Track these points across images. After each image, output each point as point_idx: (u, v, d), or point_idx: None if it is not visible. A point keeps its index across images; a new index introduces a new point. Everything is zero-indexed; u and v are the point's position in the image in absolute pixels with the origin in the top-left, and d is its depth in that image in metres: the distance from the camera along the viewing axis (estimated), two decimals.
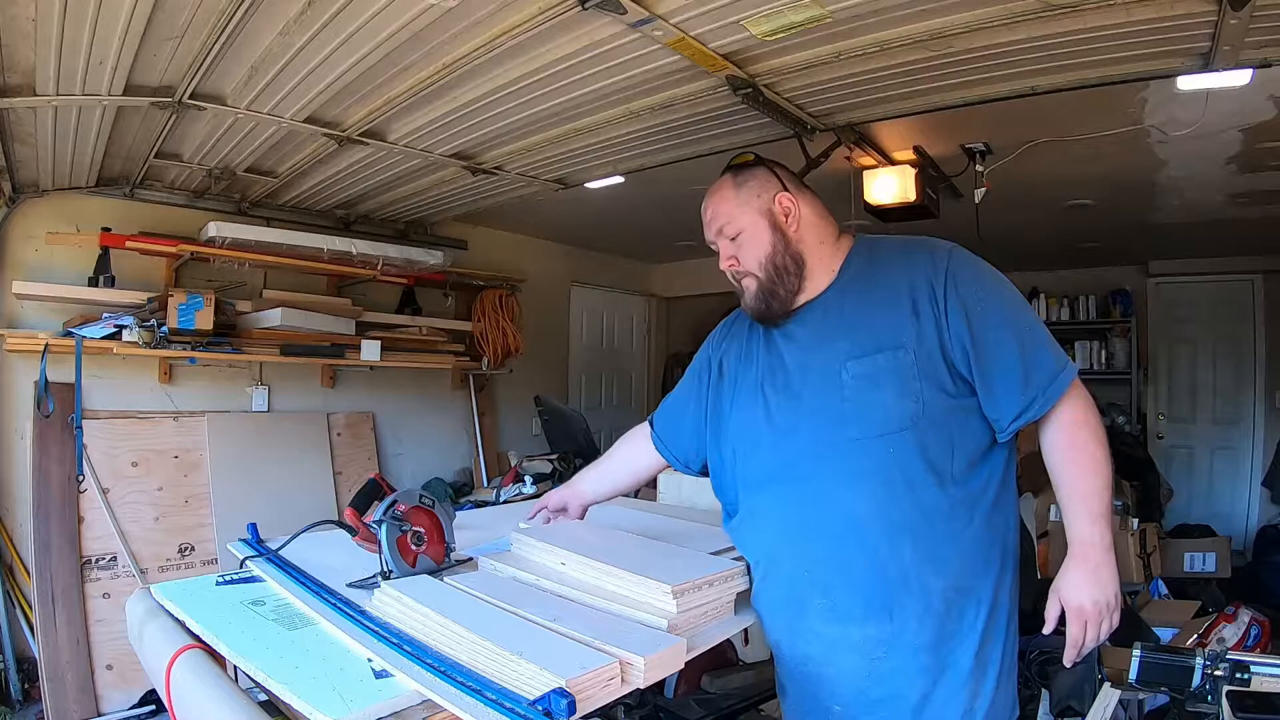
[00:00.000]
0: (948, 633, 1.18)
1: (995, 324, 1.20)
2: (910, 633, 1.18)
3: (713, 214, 1.35)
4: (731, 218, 1.33)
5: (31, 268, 3.00)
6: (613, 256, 5.83)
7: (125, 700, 2.88)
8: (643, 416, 1.64)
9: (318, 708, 0.87)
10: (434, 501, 1.40)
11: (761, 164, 1.37)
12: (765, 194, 1.32)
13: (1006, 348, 1.19)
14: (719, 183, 1.37)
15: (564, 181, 3.15)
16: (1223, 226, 4.13)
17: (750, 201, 1.32)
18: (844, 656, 1.21)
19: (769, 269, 1.30)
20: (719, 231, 1.34)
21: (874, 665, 1.19)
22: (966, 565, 1.19)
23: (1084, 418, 1.21)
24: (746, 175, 1.35)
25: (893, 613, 1.18)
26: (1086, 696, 2.03)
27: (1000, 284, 1.25)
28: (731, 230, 1.32)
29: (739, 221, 1.32)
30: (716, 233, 1.35)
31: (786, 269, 1.30)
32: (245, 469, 3.43)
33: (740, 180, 1.34)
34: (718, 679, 2.31)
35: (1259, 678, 1.36)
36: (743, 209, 1.32)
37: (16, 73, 1.95)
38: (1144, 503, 4.07)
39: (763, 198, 1.32)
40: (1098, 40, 1.76)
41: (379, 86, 2.13)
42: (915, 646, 1.18)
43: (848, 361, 1.22)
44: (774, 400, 1.30)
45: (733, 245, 1.33)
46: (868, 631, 1.19)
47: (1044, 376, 1.18)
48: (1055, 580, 1.20)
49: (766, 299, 1.32)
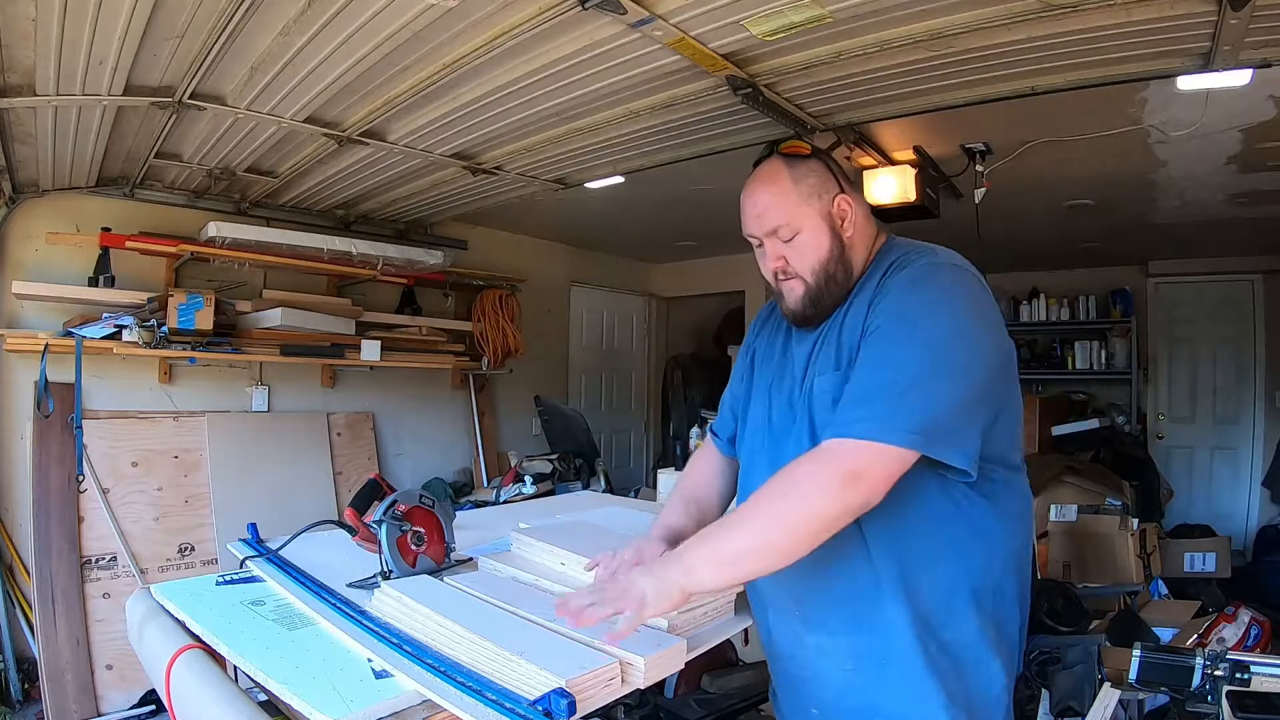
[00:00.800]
0: (924, 653, 1.09)
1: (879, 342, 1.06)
2: (880, 649, 1.12)
3: (765, 209, 1.18)
4: (791, 218, 1.17)
5: (31, 268, 3.00)
6: (613, 256, 5.83)
7: (125, 700, 2.88)
8: (642, 417, 1.62)
9: (318, 708, 0.87)
10: (434, 501, 1.40)
11: (817, 156, 1.22)
12: (826, 194, 1.18)
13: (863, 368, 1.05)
14: (771, 173, 1.19)
15: (564, 181, 3.15)
16: (1223, 226, 4.13)
17: (811, 201, 1.17)
18: (819, 663, 1.19)
19: (820, 276, 1.17)
20: (772, 231, 1.18)
21: (846, 676, 1.15)
22: (941, 589, 1.10)
23: (815, 475, 0.99)
24: (805, 170, 1.19)
25: (860, 627, 1.13)
26: (1086, 696, 2.03)
27: (925, 315, 1.05)
28: (788, 232, 1.17)
29: (799, 223, 1.17)
30: (769, 232, 1.19)
31: (836, 277, 1.18)
32: (245, 469, 3.43)
33: (798, 175, 1.18)
34: (718, 679, 2.31)
35: (1259, 678, 1.36)
36: (804, 209, 1.17)
37: (16, 73, 1.95)
38: (1144, 503, 4.07)
39: (824, 198, 1.18)
40: (1098, 40, 1.76)
41: (379, 86, 2.13)
42: (885, 661, 1.11)
43: (818, 377, 1.16)
44: (776, 405, 1.24)
45: (785, 246, 1.18)
46: (838, 642, 1.16)
47: (853, 406, 1.02)
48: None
49: (813, 304, 1.19)
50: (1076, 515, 3.19)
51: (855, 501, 0.97)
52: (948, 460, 1.00)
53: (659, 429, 6.39)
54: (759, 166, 1.23)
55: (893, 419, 0.97)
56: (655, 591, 0.99)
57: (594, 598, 0.99)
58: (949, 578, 1.10)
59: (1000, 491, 1.11)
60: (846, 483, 0.97)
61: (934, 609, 1.10)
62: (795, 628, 1.22)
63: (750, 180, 1.22)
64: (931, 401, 0.99)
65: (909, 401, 0.99)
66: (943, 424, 0.99)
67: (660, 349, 6.50)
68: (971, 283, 1.11)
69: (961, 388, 1.02)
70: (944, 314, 1.05)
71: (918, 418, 0.98)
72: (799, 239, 1.17)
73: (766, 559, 1.01)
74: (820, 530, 0.98)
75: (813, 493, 0.98)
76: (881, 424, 0.97)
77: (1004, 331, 1.12)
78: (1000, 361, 1.09)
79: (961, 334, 1.04)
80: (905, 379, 1.00)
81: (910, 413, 0.98)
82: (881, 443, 0.97)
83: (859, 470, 0.97)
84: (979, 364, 1.05)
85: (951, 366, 1.02)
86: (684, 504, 1.39)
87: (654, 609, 0.99)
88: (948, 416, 1.00)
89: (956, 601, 1.10)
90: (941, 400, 1.00)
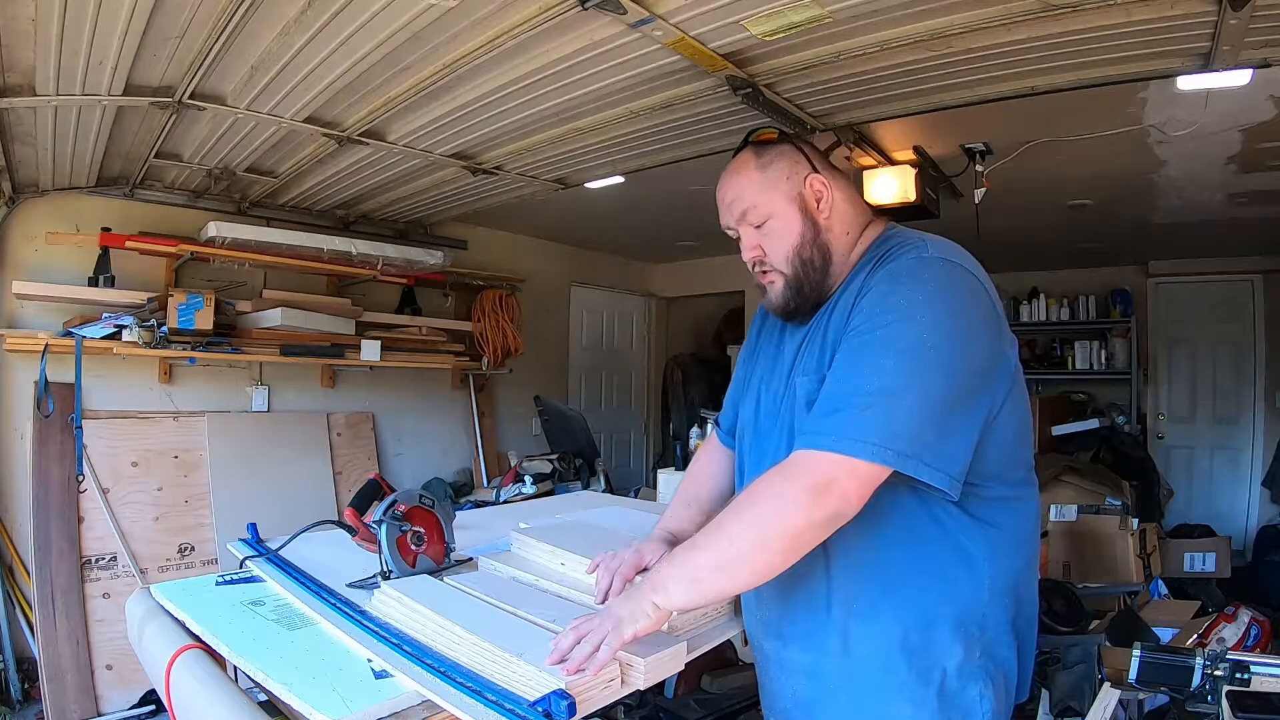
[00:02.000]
0: (888, 680, 1.03)
1: (854, 345, 1.00)
2: (830, 670, 1.07)
3: (734, 196, 1.16)
4: (757, 202, 1.14)
5: (31, 268, 3.00)
6: (613, 256, 5.83)
7: (125, 700, 2.88)
8: (642, 417, 1.62)
9: (317, 708, 0.87)
10: (434, 501, 1.40)
11: (787, 140, 1.18)
12: (795, 175, 1.14)
13: (836, 373, 0.99)
14: (739, 161, 1.18)
15: (564, 181, 3.15)
16: (1223, 226, 4.13)
17: (778, 184, 1.14)
18: (777, 669, 1.17)
19: (795, 262, 1.13)
20: (741, 217, 1.15)
21: (796, 688, 1.12)
22: (913, 612, 1.02)
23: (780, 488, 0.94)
24: (773, 154, 1.16)
25: (811, 643, 1.09)
26: (1086, 696, 2.03)
27: (902, 318, 0.96)
28: (756, 216, 1.14)
29: (766, 206, 1.13)
30: (738, 218, 1.16)
31: (813, 262, 1.13)
32: (245, 469, 3.43)
33: (766, 160, 1.15)
34: (718, 679, 2.31)
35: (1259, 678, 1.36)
36: (770, 192, 1.13)
37: (16, 73, 1.95)
38: (1144, 503, 4.07)
39: (792, 180, 1.14)
40: (1098, 40, 1.76)
41: (379, 86, 2.13)
42: (834, 690, 1.07)
43: (800, 377, 1.11)
44: (765, 402, 1.20)
45: (757, 234, 1.15)
46: (792, 653, 1.13)
47: (823, 415, 0.96)
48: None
49: (795, 295, 1.14)
50: (1076, 515, 3.19)
51: (821, 516, 0.92)
52: (921, 478, 0.92)
53: (659, 429, 6.40)
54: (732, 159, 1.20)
55: (860, 431, 0.91)
56: (629, 613, 0.97)
57: (574, 636, 0.96)
58: (925, 601, 1.02)
59: (996, 511, 1.03)
60: (813, 496, 0.92)
61: (906, 633, 1.02)
62: (755, 628, 1.21)
63: (723, 171, 1.20)
64: (903, 413, 0.92)
65: (878, 413, 0.92)
66: (916, 438, 0.92)
67: (660, 349, 6.50)
68: (962, 279, 1.01)
69: (939, 397, 0.94)
70: (924, 316, 0.96)
71: (886, 430, 0.91)
72: (770, 225, 1.14)
73: (736, 575, 0.97)
74: (788, 546, 0.94)
75: (779, 506, 0.93)
76: (848, 437, 0.91)
77: (1001, 332, 1.02)
78: (992, 365, 1.00)
79: (946, 337, 0.95)
80: (875, 387, 0.93)
81: (878, 425, 0.91)
82: (848, 456, 0.91)
83: (824, 483, 0.92)
84: (961, 370, 0.96)
85: (928, 374, 0.94)
86: (685, 505, 1.37)
87: (630, 631, 0.96)
88: (922, 429, 0.92)
89: (935, 628, 1.02)
90: (913, 412, 0.92)
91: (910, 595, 1.03)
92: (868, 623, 1.04)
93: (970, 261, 1.05)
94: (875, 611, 1.04)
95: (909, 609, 1.03)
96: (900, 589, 1.03)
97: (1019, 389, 1.05)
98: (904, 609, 1.03)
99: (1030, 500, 1.10)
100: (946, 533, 1.02)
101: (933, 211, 3.12)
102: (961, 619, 1.02)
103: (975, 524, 1.02)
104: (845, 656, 1.06)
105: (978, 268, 1.05)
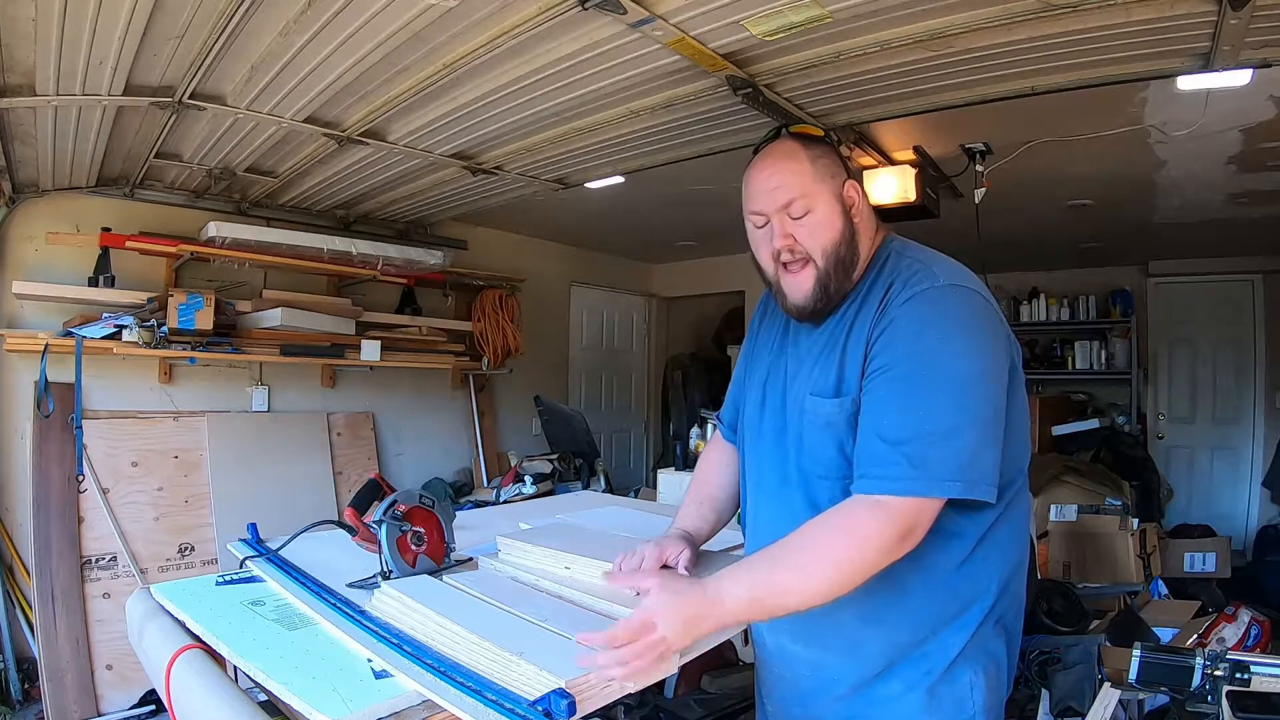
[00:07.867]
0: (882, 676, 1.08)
1: (898, 382, 1.02)
2: (831, 669, 1.12)
3: (780, 183, 1.12)
4: (807, 192, 1.11)
5: (31, 268, 3.00)
6: (613, 256, 5.83)
7: (125, 700, 2.88)
8: (642, 417, 1.62)
9: (317, 708, 0.87)
10: (434, 501, 1.40)
11: (828, 141, 1.19)
12: (838, 177, 1.15)
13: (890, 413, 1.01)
14: (788, 150, 1.15)
15: (564, 181, 3.15)
16: (1223, 226, 4.13)
17: (826, 179, 1.13)
18: (779, 662, 1.21)
19: (831, 258, 1.12)
20: (785, 205, 1.12)
21: (798, 682, 1.16)
22: (920, 616, 1.07)
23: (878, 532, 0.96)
24: (820, 150, 1.16)
25: (818, 643, 1.14)
26: (1086, 696, 2.03)
27: (945, 356, 1.01)
28: (800, 208, 1.11)
29: (814, 200, 1.11)
30: (781, 206, 1.12)
31: (845, 262, 1.13)
32: (245, 469, 3.43)
33: (815, 154, 1.14)
34: (718, 679, 2.31)
35: (1259, 678, 1.36)
36: (820, 185, 1.12)
37: (16, 73, 1.95)
38: (1144, 503, 4.08)
39: (836, 179, 1.14)
40: (1098, 40, 1.76)
41: (379, 86, 2.13)
42: (834, 680, 1.12)
43: (810, 395, 1.12)
44: (769, 405, 1.22)
45: (795, 224, 1.12)
46: (796, 650, 1.17)
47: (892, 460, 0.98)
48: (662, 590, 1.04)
49: (821, 294, 1.13)
50: (1076, 515, 3.20)
51: (901, 554, 0.98)
52: (978, 497, 0.99)
53: (659, 429, 6.40)
54: (771, 144, 1.19)
55: (936, 470, 0.97)
56: (677, 633, 0.96)
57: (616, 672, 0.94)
58: (930, 605, 1.07)
59: (996, 512, 1.07)
60: (903, 539, 0.97)
61: (911, 634, 1.07)
62: (761, 625, 1.22)
63: (762, 156, 1.17)
64: (966, 446, 0.98)
65: (949, 450, 0.98)
66: (974, 466, 0.99)
67: (660, 349, 6.50)
68: (979, 305, 1.06)
69: (985, 423, 1.01)
70: (962, 351, 1.02)
71: (955, 464, 0.97)
72: (811, 217, 1.12)
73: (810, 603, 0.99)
74: (864, 580, 0.98)
75: (874, 548, 0.97)
76: (927, 478, 0.97)
77: (1011, 342, 1.09)
78: (1007, 378, 1.06)
79: (983, 370, 1.02)
80: (939, 427, 0.98)
81: (947, 461, 0.97)
82: (928, 497, 0.97)
83: (914, 526, 0.98)
84: (995, 393, 1.03)
85: (977, 405, 1.01)
86: (697, 505, 1.38)
87: (678, 644, 0.97)
88: (978, 457, 0.99)
89: (937, 628, 1.07)
90: (971, 443, 0.99)
91: (918, 601, 1.07)
92: (875, 626, 1.08)
93: (976, 281, 1.10)
94: (883, 616, 1.08)
95: (916, 613, 1.07)
96: (909, 596, 1.07)
97: (1020, 393, 1.10)
98: (911, 614, 1.07)
99: (1024, 499, 1.15)
100: (950, 536, 1.05)
101: (933, 211, 3.12)
102: (961, 617, 1.08)
103: (976, 525, 1.07)
104: (850, 654, 1.11)
105: (982, 286, 1.10)
